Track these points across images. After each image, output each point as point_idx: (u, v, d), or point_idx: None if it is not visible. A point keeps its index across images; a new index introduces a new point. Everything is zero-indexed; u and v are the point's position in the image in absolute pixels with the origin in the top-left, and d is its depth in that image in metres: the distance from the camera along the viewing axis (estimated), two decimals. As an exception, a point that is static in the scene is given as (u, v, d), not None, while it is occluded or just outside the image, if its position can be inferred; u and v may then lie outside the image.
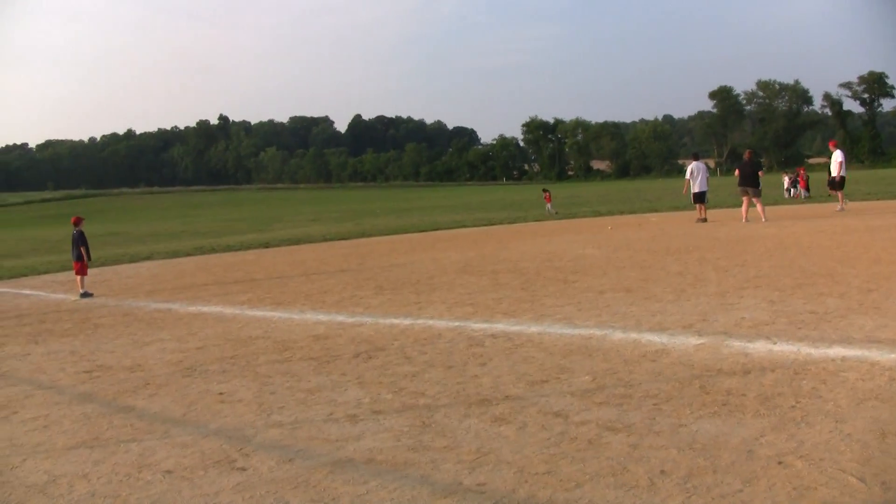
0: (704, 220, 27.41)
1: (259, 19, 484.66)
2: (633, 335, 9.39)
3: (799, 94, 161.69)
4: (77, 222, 19.40)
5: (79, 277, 18.67)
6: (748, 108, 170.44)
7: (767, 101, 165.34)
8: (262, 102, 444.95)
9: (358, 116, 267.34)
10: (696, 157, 30.56)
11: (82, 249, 18.81)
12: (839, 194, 29.60)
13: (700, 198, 28.17)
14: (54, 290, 20.50)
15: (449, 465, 5.55)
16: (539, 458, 5.54)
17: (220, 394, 8.16)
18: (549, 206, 44.97)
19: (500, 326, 10.59)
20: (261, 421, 7.03)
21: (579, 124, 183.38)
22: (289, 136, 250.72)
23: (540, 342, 9.41)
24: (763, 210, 26.00)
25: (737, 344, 8.52)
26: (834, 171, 30.27)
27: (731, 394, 6.68)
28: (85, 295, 18.21)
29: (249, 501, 5.20)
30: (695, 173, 28.31)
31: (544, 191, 48.49)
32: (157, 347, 11.20)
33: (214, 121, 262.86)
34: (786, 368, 7.37)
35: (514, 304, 12.38)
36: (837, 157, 30.33)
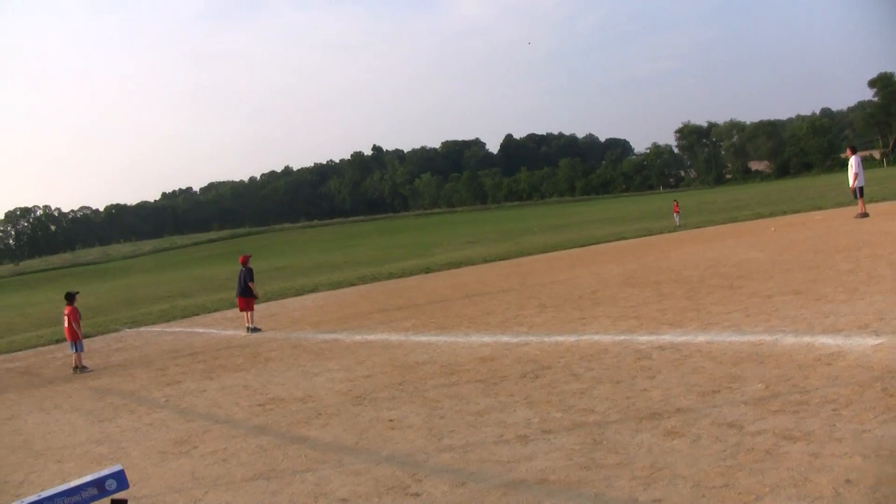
0: (866, 214, 26.40)
1: (406, 47, 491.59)
2: (806, 339, 9.09)
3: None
4: (244, 261, 20.01)
5: (246, 313, 19.24)
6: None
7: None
8: (413, 130, 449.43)
9: (509, 136, 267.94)
10: (853, 150, 29.44)
11: (250, 285, 19.44)
12: None
13: (861, 192, 27.24)
14: (224, 328, 21.14)
15: (623, 481, 5.47)
16: (715, 470, 5.41)
17: (390, 420, 8.25)
18: (676, 216, 44.87)
19: (667, 338, 10.42)
20: (432, 446, 7.08)
21: (734, 126, 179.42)
22: (441, 161, 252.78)
23: (708, 351, 9.22)
24: None
25: (918, 342, 8.16)
26: None
27: (916, 395, 6.40)
28: (253, 330, 18.75)
29: (425, 527, 5.23)
30: (854, 167, 27.36)
31: (675, 202, 48.61)
32: (326, 378, 11.43)
33: (368, 151, 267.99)
34: (973, 365, 7.03)
35: (679, 314, 12.17)
36: None
